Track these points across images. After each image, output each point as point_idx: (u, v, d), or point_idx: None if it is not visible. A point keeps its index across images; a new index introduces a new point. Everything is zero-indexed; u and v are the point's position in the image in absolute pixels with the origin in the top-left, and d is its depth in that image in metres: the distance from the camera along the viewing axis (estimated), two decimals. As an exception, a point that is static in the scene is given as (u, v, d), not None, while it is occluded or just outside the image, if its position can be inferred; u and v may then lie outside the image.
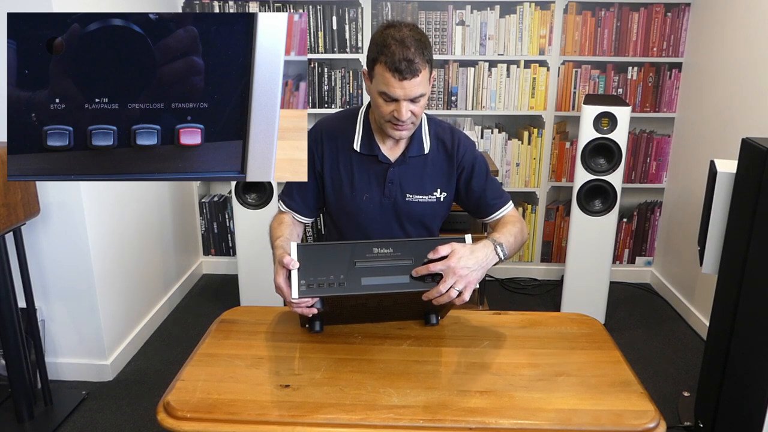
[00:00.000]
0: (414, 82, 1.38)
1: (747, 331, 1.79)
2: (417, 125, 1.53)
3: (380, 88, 1.41)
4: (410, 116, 1.44)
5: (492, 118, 3.32)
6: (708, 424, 1.97)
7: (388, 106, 1.43)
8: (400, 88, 1.38)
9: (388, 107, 1.43)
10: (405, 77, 1.36)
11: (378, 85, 1.41)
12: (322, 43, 3.17)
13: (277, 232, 1.53)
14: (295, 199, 1.63)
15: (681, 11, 3.07)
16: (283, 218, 1.61)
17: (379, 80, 1.40)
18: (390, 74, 1.37)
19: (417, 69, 1.37)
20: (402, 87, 1.38)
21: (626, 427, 1.10)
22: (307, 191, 1.62)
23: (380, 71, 1.39)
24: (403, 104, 1.40)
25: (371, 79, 1.45)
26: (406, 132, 1.48)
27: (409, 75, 1.36)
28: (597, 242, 2.82)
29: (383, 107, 1.43)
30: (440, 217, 1.66)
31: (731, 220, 1.86)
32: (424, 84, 1.41)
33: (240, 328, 1.43)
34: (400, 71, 1.36)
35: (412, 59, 1.36)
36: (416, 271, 1.27)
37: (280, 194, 1.67)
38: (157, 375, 2.53)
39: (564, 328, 1.44)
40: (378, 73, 1.40)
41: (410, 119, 1.44)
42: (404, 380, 1.22)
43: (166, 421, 1.11)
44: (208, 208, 3.46)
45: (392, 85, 1.38)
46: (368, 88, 1.48)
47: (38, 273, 2.33)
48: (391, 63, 1.36)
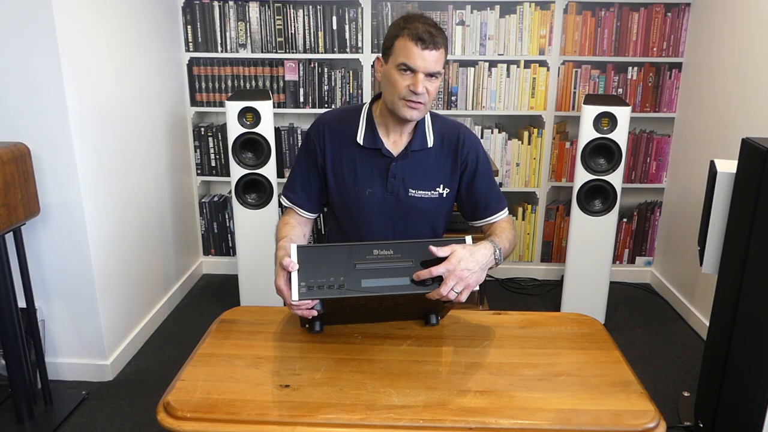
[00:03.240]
0: (434, 55, 1.43)
1: (747, 331, 1.79)
2: (427, 110, 1.53)
3: (400, 59, 1.44)
4: (424, 94, 1.46)
5: (492, 118, 3.32)
6: (708, 424, 1.97)
7: (404, 79, 1.45)
8: (421, 59, 1.42)
9: (404, 81, 1.45)
10: (427, 47, 1.42)
11: (397, 58, 1.45)
12: (322, 43, 3.17)
13: (282, 232, 1.54)
14: (297, 193, 1.63)
15: (681, 11, 3.07)
16: (288, 219, 1.61)
17: (399, 53, 1.44)
18: (413, 43, 1.42)
19: (438, 42, 1.43)
20: (423, 57, 1.42)
21: (626, 427, 1.10)
22: (310, 185, 1.62)
23: (401, 44, 1.44)
24: (420, 77, 1.43)
25: (387, 59, 1.48)
26: (417, 113, 1.49)
27: (431, 45, 1.42)
28: (597, 242, 2.82)
29: (399, 82, 1.45)
30: (444, 214, 1.65)
31: (731, 220, 1.86)
32: (440, 62, 1.45)
33: (240, 328, 1.43)
34: (423, 40, 1.41)
35: (435, 34, 1.42)
36: (417, 275, 1.27)
37: (282, 190, 1.67)
38: (157, 375, 2.53)
39: (564, 328, 1.44)
40: (399, 47, 1.44)
41: (424, 98, 1.46)
42: (404, 380, 1.22)
43: (166, 421, 1.11)
44: (208, 208, 3.46)
45: (413, 55, 1.42)
46: (381, 73, 1.51)
47: (38, 273, 2.33)
48: (415, 34, 1.41)
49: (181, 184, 3.24)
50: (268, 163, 2.79)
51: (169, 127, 3.07)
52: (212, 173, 3.40)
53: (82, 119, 2.26)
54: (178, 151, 3.21)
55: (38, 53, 2.09)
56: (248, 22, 3.16)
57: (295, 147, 3.30)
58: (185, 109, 3.28)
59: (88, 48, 2.30)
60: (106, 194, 2.45)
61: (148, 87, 2.84)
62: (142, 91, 2.78)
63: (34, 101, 2.14)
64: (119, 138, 2.56)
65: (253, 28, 3.17)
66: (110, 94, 2.48)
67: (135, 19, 2.69)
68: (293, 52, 3.18)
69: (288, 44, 3.18)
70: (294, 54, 3.18)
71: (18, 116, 2.15)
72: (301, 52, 3.18)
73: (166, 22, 3.02)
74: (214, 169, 3.39)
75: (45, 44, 2.08)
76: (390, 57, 1.47)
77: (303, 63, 3.19)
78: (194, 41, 3.20)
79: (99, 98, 2.39)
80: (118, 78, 2.55)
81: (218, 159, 3.37)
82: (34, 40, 2.08)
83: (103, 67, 2.41)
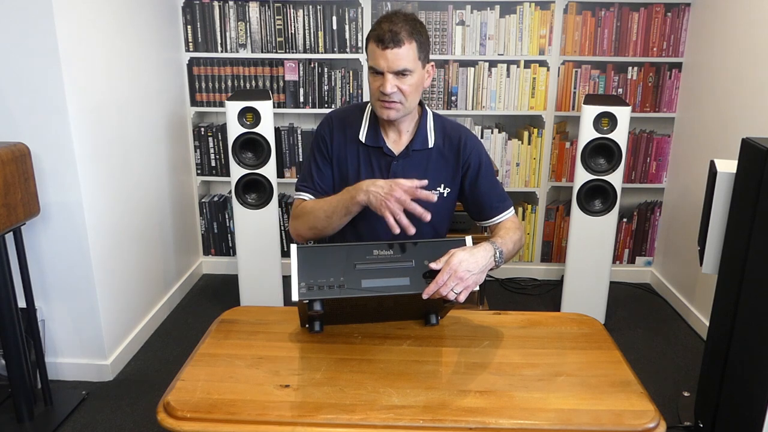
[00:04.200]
0: (397, 53, 1.42)
1: (747, 331, 1.79)
2: (408, 109, 1.52)
3: (369, 63, 1.48)
4: (397, 93, 1.46)
5: (492, 118, 3.32)
6: (708, 424, 1.97)
7: (375, 81, 1.47)
8: (383, 59, 1.43)
9: (375, 83, 1.48)
10: (387, 46, 1.42)
11: (369, 61, 1.48)
12: (322, 43, 3.17)
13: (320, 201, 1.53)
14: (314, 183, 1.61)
15: (681, 11, 3.07)
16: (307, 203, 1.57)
17: (369, 56, 1.48)
18: (375, 45, 1.44)
19: (400, 40, 1.42)
20: (385, 57, 1.43)
21: (626, 427, 1.10)
22: (325, 176, 1.62)
23: (370, 47, 1.47)
24: (387, 77, 1.44)
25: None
26: (394, 112, 1.49)
27: (391, 44, 1.42)
28: (597, 242, 2.81)
29: (372, 84, 1.49)
30: (445, 214, 1.65)
31: (731, 220, 1.86)
32: (409, 59, 1.44)
33: (240, 328, 1.43)
34: (383, 41, 1.42)
35: (397, 31, 1.42)
36: (427, 291, 1.26)
37: (297, 184, 1.65)
38: (157, 375, 2.53)
39: (564, 328, 1.44)
40: (368, 51, 1.48)
41: (397, 96, 1.46)
42: (404, 380, 1.22)
43: (166, 421, 1.11)
44: (208, 208, 3.46)
45: (377, 56, 1.44)
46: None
47: (38, 273, 2.33)
48: (376, 35, 1.43)
49: (181, 184, 3.24)
50: (268, 163, 2.79)
51: (169, 127, 3.07)
52: (212, 173, 3.40)
53: (82, 119, 2.26)
54: (178, 151, 3.21)
55: (38, 53, 2.09)
56: (248, 22, 3.16)
57: (295, 147, 3.30)
58: (185, 109, 3.28)
59: (88, 48, 2.30)
60: (106, 194, 2.45)
61: (148, 87, 2.84)
62: (142, 91, 2.78)
63: (34, 101, 2.14)
64: (119, 138, 2.56)
65: (253, 28, 3.17)
66: (110, 94, 2.48)
67: (135, 19, 2.69)
68: (293, 52, 3.18)
69: (288, 44, 3.18)
70: (294, 54, 3.18)
71: (18, 116, 2.15)
72: (301, 52, 3.18)
73: (166, 22, 3.02)
74: (214, 169, 3.39)
75: (45, 44, 2.08)
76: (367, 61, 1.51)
77: (303, 63, 3.19)
78: (194, 41, 3.20)
79: (99, 98, 2.39)
80: (118, 78, 2.54)
81: (218, 159, 3.37)
82: (34, 40, 2.08)
83: (103, 67, 2.41)
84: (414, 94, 1.49)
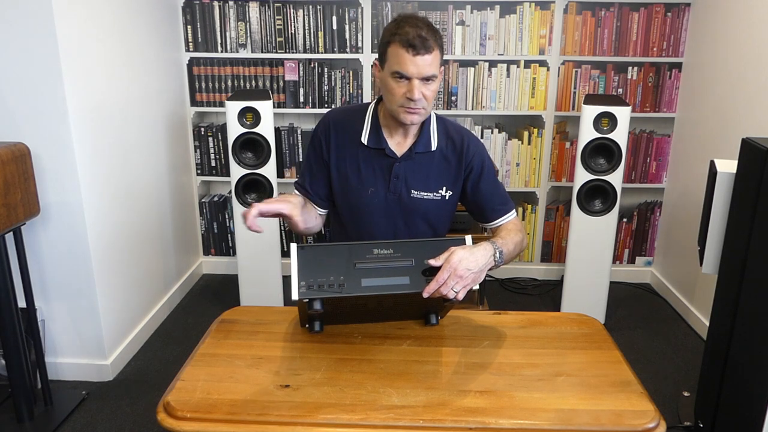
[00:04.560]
0: (427, 59, 1.40)
1: (747, 331, 1.79)
2: (428, 113, 1.53)
3: (393, 68, 1.43)
4: (422, 99, 1.44)
5: (492, 118, 3.32)
6: (708, 424, 1.97)
7: (400, 87, 1.44)
8: (413, 65, 1.40)
9: (400, 89, 1.44)
10: (418, 52, 1.39)
11: (391, 66, 1.43)
12: (322, 43, 3.17)
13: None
14: (306, 187, 1.64)
15: (681, 11, 3.07)
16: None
17: (392, 61, 1.42)
18: (404, 50, 1.40)
19: (430, 46, 1.40)
20: (415, 63, 1.40)
21: (626, 427, 1.10)
22: (317, 180, 1.63)
23: (394, 51, 1.42)
24: (415, 83, 1.42)
25: (382, 65, 1.47)
26: (417, 117, 1.48)
27: (422, 50, 1.39)
28: (597, 242, 2.82)
29: (396, 90, 1.45)
30: (446, 216, 1.65)
31: (731, 220, 1.86)
32: (435, 65, 1.43)
33: (240, 328, 1.43)
34: (414, 46, 1.39)
35: (426, 37, 1.39)
36: (427, 290, 1.26)
37: (295, 183, 1.68)
38: (157, 375, 2.53)
39: (564, 328, 1.44)
40: (391, 54, 1.42)
41: (422, 103, 1.45)
42: (404, 380, 1.22)
43: (166, 421, 1.11)
44: (208, 208, 3.46)
45: (405, 61, 1.40)
46: (379, 79, 1.50)
47: (38, 273, 2.33)
48: (405, 40, 1.39)
49: (181, 184, 3.24)
50: (268, 163, 2.79)
51: (169, 127, 3.07)
52: (212, 173, 3.40)
53: (82, 119, 2.26)
54: (178, 151, 3.21)
55: (38, 53, 2.09)
56: (248, 22, 3.16)
57: (295, 147, 3.30)
58: (185, 109, 3.28)
59: (88, 48, 2.30)
60: (106, 194, 2.45)
61: (148, 87, 2.84)
62: (142, 91, 2.78)
63: (34, 101, 2.14)
64: (119, 138, 2.56)
65: (253, 28, 3.17)
66: (110, 94, 2.48)
67: (135, 19, 2.69)
68: (293, 52, 3.18)
69: (288, 44, 3.18)
70: (294, 54, 3.18)
71: (18, 116, 2.15)
72: (301, 52, 3.18)
73: (166, 22, 3.02)
74: (214, 169, 3.39)
75: (45, 44, 2.08)
76: (385, 64, 1.46)
77: (303, 63, 3.19)
78: (194, 41, 3.20)
79: (99, 98, 2.39)
80: (118, 78, 2.54)
81: (218, 159, 3.37)
82: (34, 40, 2.08)
83: (103, 67, 2.41)
84: (434, 99, 1.50)
